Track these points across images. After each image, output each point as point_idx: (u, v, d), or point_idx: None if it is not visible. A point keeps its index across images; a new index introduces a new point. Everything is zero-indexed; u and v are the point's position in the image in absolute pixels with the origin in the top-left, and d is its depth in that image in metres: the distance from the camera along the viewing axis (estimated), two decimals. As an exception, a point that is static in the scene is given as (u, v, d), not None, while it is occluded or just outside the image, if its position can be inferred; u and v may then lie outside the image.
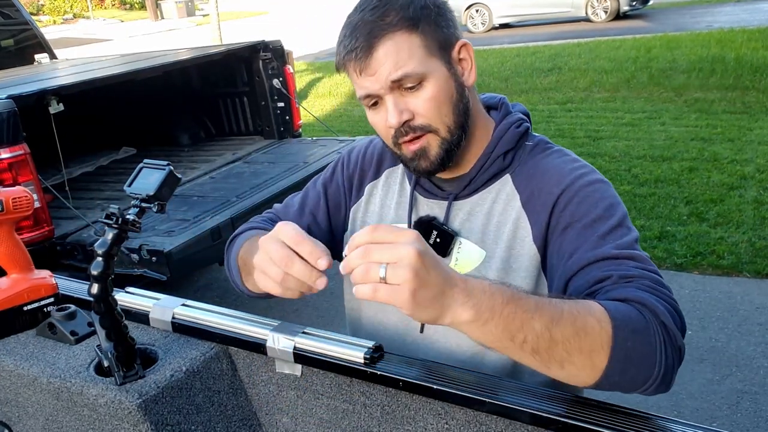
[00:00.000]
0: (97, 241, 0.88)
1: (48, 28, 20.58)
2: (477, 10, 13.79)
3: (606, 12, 12.81)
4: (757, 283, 3.46)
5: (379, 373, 0.86)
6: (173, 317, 1.06)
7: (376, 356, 0.88)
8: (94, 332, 1.05)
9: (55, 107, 3.12)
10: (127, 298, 1.12)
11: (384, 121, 0.96)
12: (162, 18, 26.15)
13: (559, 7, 13.15)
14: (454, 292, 0.71)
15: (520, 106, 1.09)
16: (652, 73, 7.94)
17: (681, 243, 3.91)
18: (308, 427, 1.00)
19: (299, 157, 3.93)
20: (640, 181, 4.89)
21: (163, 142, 4.79)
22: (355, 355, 0.88)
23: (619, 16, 12.85)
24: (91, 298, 0.89)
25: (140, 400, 0.90)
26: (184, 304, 1.08)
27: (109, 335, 0.93)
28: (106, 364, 0.94)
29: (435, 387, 0.81)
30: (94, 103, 4.12)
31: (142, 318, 1.09)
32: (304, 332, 0.95)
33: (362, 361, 0.87)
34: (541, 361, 0.75)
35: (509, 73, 9.04)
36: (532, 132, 1.06)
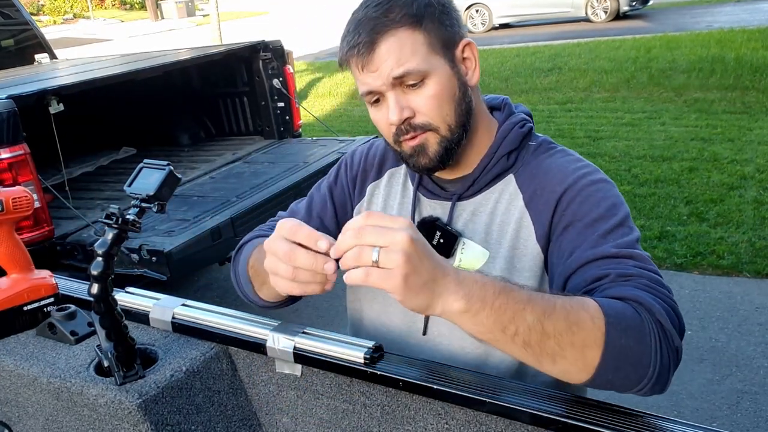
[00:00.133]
0: (97, 241, 0.88)
1: (48, 28, 20.58)
2: (477, 10, 13.79)
3: (606, 12, 12.81)
4: (757, 283, 3.46)
5: (379, 373, 0.86)
6: (173, 317, 1.06)
7: (376, 356, 0.88)
8: (94, 332, 1.05)
9: (55, 107, 3.12)
10: (127, 298, 1.12)
11: (385, 118, 0.96)
12: (162, 18, 26.16)
13: (559, 7, 13.15)
14: (446, 281, 0.71)
15: (522, 107, 1.09)
16: (652, 73, 7.94)
17: (681, 243, 3.91)
18: (308, 427, 1.00)
19: (299, 157, 3.92)
20: (640, 181, 4.89)
21: (163, 142, 4.79)
22: (355, 355, 0.88)
23: (619, 16, 12.85)
24: (91, 298, 0.89)
25: (140, 400, 0.90)
26: (184, 304, 1.08)
27: (109, 335, 0.93)
28: (106, 364, 0.94)
29: (435, 387, 0.81)
30: (94, 103, 4.11)
31: (142, 318, 1.09)
32: (304, 332, 0.94)
33: (362, 361, 0.87)
34: (533, 354, 0.75)
35: (509, 73, 9.04)
36: (535, 132, 1.06)
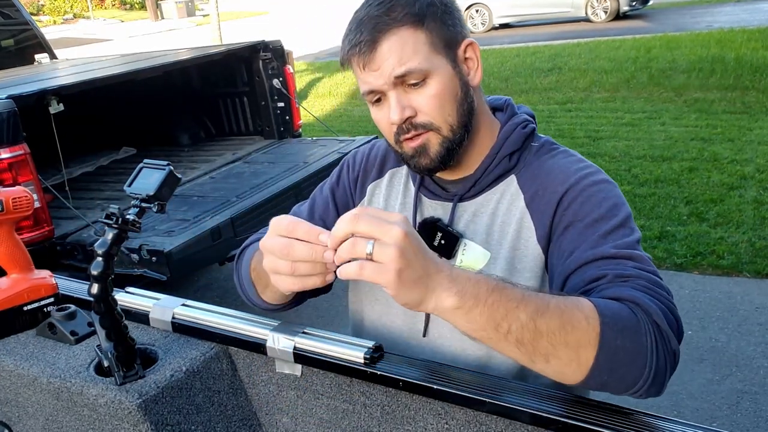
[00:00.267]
0: (97, 241, 0.88)
1: (48, 28, 20.58)
2: (477, 10, 13.79)
3: (606, 12, 12.81)
4: (757, 283, 3.46)
5: (379, 373, 0.86)
6: (173, 317, 1.06)
7: (376, 356, 0.88)
8: (94, 332, 1.05)
9: (55, 107, 3.12)
10: (127, 298, 1.12)
11: (387, 117, 0.95)
12: (162, 18, 26.16)
13: (559, 7, 13.15)
14: (440, 277, 0.71)
15: (525, 108, 1.08)
16: (652, 73, 7.94)
17: (681, 243, 3.91)
18: (308, 427, 1.00)
19: (299, 157, 3.92)
20: (640, 181, 4.89)
21: (163, 142, 4.79)
22: (355, 355, 0.88)
23: (619, 16, 12.85)
24: (91, 298, 0.89)
25: (140, 400, 0.90)
26: (184, 304, 1.08)
27: (109, 335, 0.93)
28: (106, 364, 0.94)
29: (435, 387, 0.81)
30: (94, 103, 4.11)
31: (142, 318, 1.09)
32: (304, 332, 0.94)
33: (362, 361, 0.87)
34: (526, 353, 0.74)
35: (509, 73, 9.04)
36: (537, 133, 1.05)
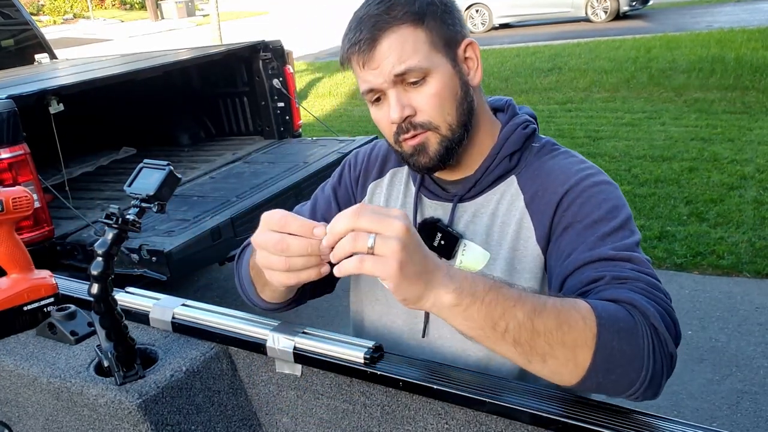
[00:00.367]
0: (97, 241, 0.88)
1: (48, 28, 20.58)
2: (477, 10, 13.79)
3: (606, 12, 12.81)
4: (757, 283, 3.46)
5: (379, 373, 0.86)
6: (173, 317, 1.06)
7: (376, 356, 0.88)
8: (94, 332, 1.05)
9: (55, 107, 3.12)
10: (127, 298, 1.12)
11: (387, 116, 0.95)
12: (162, 18, 26.16)
13: (559, 7, 13.15)
14: (438, 274, 0.71)
15: (527, 109, 1.08)
16: (652, 73, 7.94)
17: (681, 243, 3.91)
18: (308, 427, 1.00)
19: (299, 157, 3.92)
20: (640, 181, 4.89)
21: (163, 142, 4.79)
22: (355, 355, 0.88)
23: (619, 16, 12.85)
24: (91, 298, 0.89)
25: (140, 400, 0.90)
26: (184, 304, 1.08)
27: (109, 335, 0.93)
28: (106, 364, 0.94)
29: (435, 387, 0.81)
30: (94, 103, 4.11)
31: (142, 318, 1.09)
32: (304, 332, 0.94)
33: (362, 361, 0.87)
34: (523, 353, 0.74)
35: (509, 73, 9.04)
36: (539, 134, 1.05)
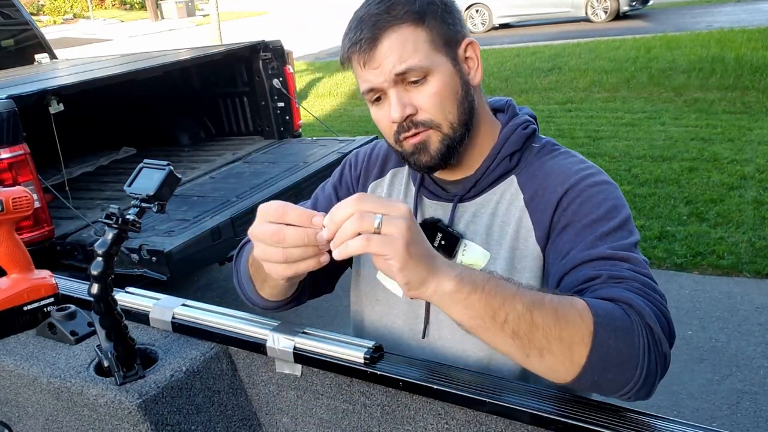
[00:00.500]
0: (97, 241, 0.88)
1: (48, 28, 20.58)
2: (477, 10, 13.79)
3: (606, 12, 12.81)
4: (757, 283, 3.46)
5: (379, 373, 0.86)
6: (173, 317, 1.06)
7: (376, 356, 0.88)
8: (94, 332, 1.05)
9: (55, 107, 3.12)
10: (127, 298, 1.12)
11: (387, 116, 0.95)
12: (162, 18, 26.16)
13: (559, 7, 13.15)
14: (440, 260, 0.73)
15: (527, 109, 1.08)
16: (652, 73, 7.94)
17: (681, 243, 3.91)
18: (308, 427, 1.00)
19: (299, 157, 3.93)
20: (640, 181, 4.89)
21: (163, 142, 4.79)
22: (355, 355, 0.88)
23: (619, 16, 12.85)
24: (91, 298, 0.89)
25: (140, 400, 0.90)
26: (184, 304, 1.08)
27: (109, 335, 0.93)
28: (106, 364, 0.94)
29: (435, 387, 0.81)
30: (94, 103, 4.12)
31: (142, 318, 1.09)
32: (304, 332, 0.94)
33: (362, 361, 0.87)
34: (521, 346, 0.74)
35: (509, 73, 9.04)
36: (539, 134, 1.05)
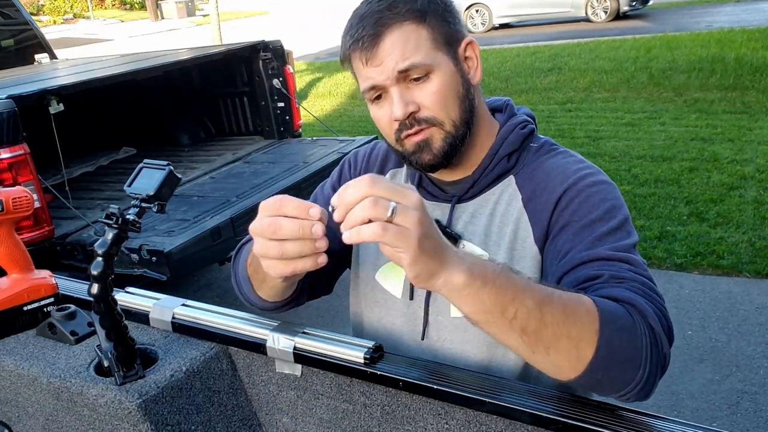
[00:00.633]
0: (97, 241, 0.88)
1: (48, 28, 20.59)
2: (477, 10, 13.79)
3: (606, 12, 12.81)
4: (757, 283, 3.46)
5: (379, 373, 0.86)
6: (173, 317, 1.06)
7: (376, 356, 0.88)
8: (94, 332, 1.05)
9: (55, 107, 3.12)
10: (127, 298, 1.12)
11: (388, 114, 0.94)
12: (162, 18, 26.16)
13: (559, 7, 13.15)
14: (450, 252, 0.71)
15: (525, 109, 1.08)
16: (652, 73, 7.94)
17: (681, 243, 3.91)
18: (308, 427, 1.00)
19: (299, 157, 3.93)
20: (640, 181, 4.89)
21: (163, 142, 4.79)
22: (355, 355, 0.88)
23: (619, 16, 12.85)
24: (91, 298, 0.89)
25: (140, 400, 0.90)
26: (184, 304, 1.08)
27: (109, 335, 0.93)
28: (106, 364, 0.94)
29: (435, 387, 0.81)
30: (94, 103, 4.12)
31: (142, 318, 1.09)
32: (304, 332, 0.94)
33: (362, 361, 0.87)
34: (528, 343, 0.73)
35: (509, 73, 9.04)
36: (537, 134, 1.05)
